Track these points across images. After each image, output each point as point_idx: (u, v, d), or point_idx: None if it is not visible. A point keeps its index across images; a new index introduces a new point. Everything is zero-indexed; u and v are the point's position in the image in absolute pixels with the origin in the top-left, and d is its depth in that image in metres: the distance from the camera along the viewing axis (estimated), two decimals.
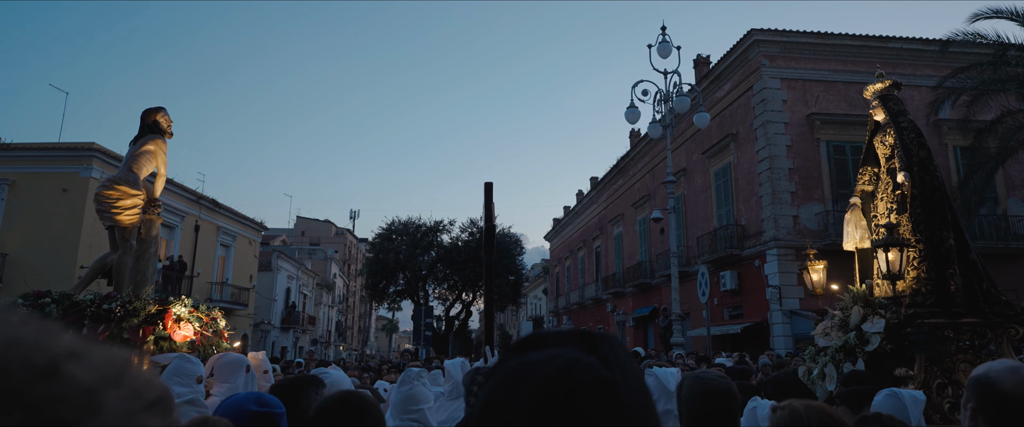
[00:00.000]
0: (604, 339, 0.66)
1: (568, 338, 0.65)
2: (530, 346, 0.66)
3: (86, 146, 20.84)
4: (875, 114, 6.00)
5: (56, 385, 0.41)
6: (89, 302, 5.56)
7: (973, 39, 16.16)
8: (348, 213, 79.42)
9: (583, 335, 0.66)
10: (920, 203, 5.38)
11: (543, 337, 0.66)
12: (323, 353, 47.22)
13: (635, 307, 29.17)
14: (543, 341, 0.66)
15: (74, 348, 0.44)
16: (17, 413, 0.38)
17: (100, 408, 0.41)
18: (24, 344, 0.42)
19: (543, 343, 0.65)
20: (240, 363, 3.62)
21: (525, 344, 0.66)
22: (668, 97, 13.87)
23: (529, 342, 0.67)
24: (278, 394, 2.40)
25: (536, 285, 58.41)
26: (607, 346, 0.65)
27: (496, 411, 0.61)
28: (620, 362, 0.63)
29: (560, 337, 0.66)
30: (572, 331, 0.67)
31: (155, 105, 6.50)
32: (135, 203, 6.05)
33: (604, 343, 0.65)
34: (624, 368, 0.63)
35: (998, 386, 1.63)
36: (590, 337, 0.66)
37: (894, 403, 3.03)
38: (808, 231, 18.12)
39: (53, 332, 0.45)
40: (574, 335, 0.66)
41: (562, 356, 0.62)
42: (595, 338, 0.66)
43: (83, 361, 0.43)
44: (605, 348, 0.64)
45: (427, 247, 35.78)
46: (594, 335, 0.67)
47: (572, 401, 0.58)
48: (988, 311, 5.09)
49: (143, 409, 0.44)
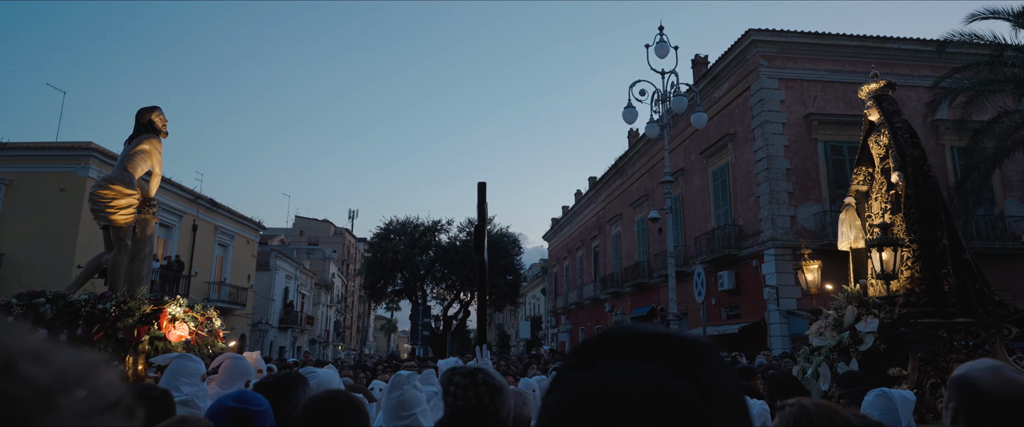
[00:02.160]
0: (694, 349, 0.55)
1: (651, 345, 0.54)
2: (605, 351, 0.55)
3: (83, 145, 20.83)
4: (870, 114, 6.02)
5: (10, 382, 0.41)
6: (84, 302, 5.55)
7: (970, 40, 16.19)
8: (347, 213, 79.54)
9: (669, 342, 0.55)
10: (914, 203, 5.39)
11: (620, 340, 0.56)
12: (322, 353, 47.20)
13: (633, 307, 29.18)
14: (620, 347, 0.55)
15: (36, 348, 0.45)
16: None
17: (54, 407, 0.42)
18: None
19: (620, 350, 0.55)
20: (244, 374, 3.60)
21: (598, 348, 0.56)
22: (666, 97, 13.87)
23: (603, 346, 0.56)
24: (264, 392, 2.40)
25: (535, 285, 58.42)
26: (698, 360, 0.54)
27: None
28: (715, 383, 0.53)
29: (642, 343, 0.55)
30: (654, 335, 0.56)
31: (151, 104, 6.50)
32: (130, 202, 6.05)
33: (694, 355, 0.54)
34: (721, 390, 0.52)
35: (978, 385, 1.64)
36: (678, 347, 0.55)
37: (884, 403, 3.03)
38: (805, 231, 18.14)
39: (17, 332, 0.46)
40: (659, 341, 0.55)
41: (646, 381, 0.50)
42: (684, 348, 0.55)
43: (43, 361, 0.44)
44: (695, 364, 0.53)
45: (425, 247, 35.79)
46: (682, 343, 0.55)
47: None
48: (981, 311, 5.11)
49: (100, 411, 0.45)
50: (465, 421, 2.10)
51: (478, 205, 4.90)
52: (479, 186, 4.92)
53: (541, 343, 44.51)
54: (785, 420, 1.86)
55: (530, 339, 47.94)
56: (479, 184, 4.92)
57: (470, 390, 2.09)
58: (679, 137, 24.15)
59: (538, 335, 49.12)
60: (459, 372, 2.18)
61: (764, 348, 15.99)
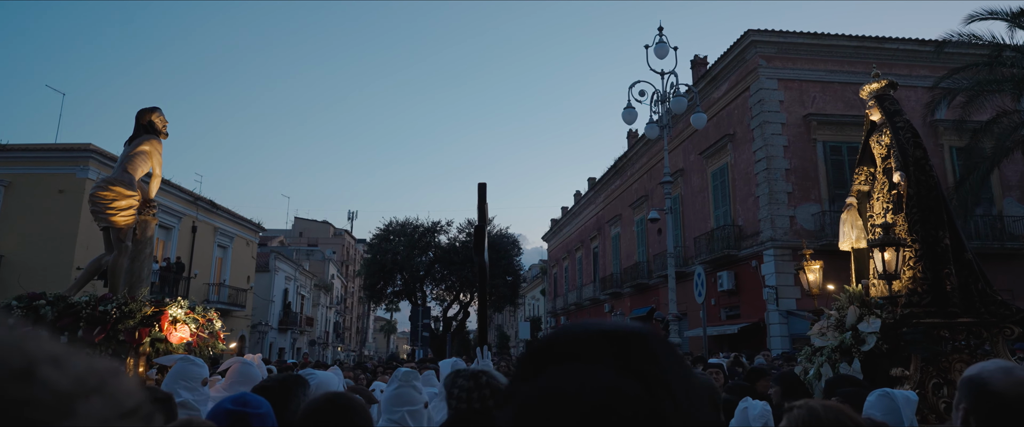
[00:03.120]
0: (638, 342, 0.54)
1: (596, 345, 0.54)
2: (551, 358, 0.54)
3: (83, 147, 20.80)
4: (871, 114, 6.01)
5: (30, 387, 0.42)
6: (84, 304, 5.54)
7: (969, 40, 16.21)
8: (346, 214, 79.30)
9: (613, 340, 0.54)
10: (916, 203, 5.39)
11: (565, 345, 0.55)
12: (321, 354, 47.15)
13: (633, 307, 29.17)
14: (565, 352, 0.54)
15: (56, 354, 0.45)
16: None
17: (73, 413, 0.43)
18: (3, 346, 0.43)
19: (566, 355, 0.54)
20: (252, 381, 3.59)
21: (543, 355, 0.55)
22: (665, 98, 13.88)
23: (549, 352, 0.55)
24: (264, 395, 2.39)
25: (534, 286, 58.41)
26: (644, 353, 0.53)
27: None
28: (663, 376, 0.52)
29: (585, 344, 0.54)
30: (599, 333, 0.55)
31: (151, 106, 6.48)
32: (130, 204, 6.03)
33: (640, 348, 0.53)
34: (669, 382, 0.52)
35: (990, 386, 1.63)
36: (622, 341, 0.54)
37: (887, 403, 3.02)
38: (805, 231, 18.15)
39: (38, 338, 0.46)
40: (602, 340, 0.54)
41: (593, 382, 0.50)
42: (628, 341, 0.54)
43: (63, 367, 0.45)
44: (641, 357, 0.52)
45: (425, 248, 35.74)
46: (626, 337, 0.55)
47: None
48: (984, 311, 5.10)
49: (119, 417, 0.45)
50: (469, 424, 2.09)
51: (478, 206, 4.88)
52: (479, 187, 4.91)
53: None
54: (793, 422, 1.85)
55: (529, 340, 47.83)
56: (479, 185, 4.91)
57: (474, 393, 2.09)
58: (678, 138, 24.16)
59: (537, 336, 48.95)
60: (463, 374, 2.17)
61: (763, 348, 15.98)
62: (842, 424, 1.78)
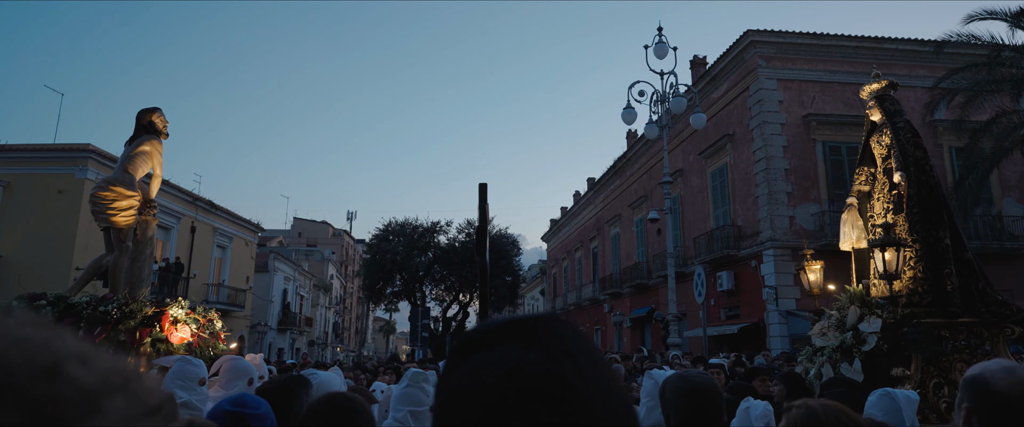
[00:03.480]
0: (542, 324, 0.62)
1: (506, 332, 0.61)
2: (470, 349, 0.61)
3: (82, 147, 20.79)
4: (871, 114, 6.01)
5: (57, 385, 0.43)
6: (85, 304, 5.54)
7: (968, 40, 16.23)
8: (345, 214, 79.36)
9: (519, 324, 0.62)
10: (916, 203, 5.39)
11: (480, 336, 0.62)
12: (320, 354, 47.13)
13: (632, 307, 29.18)
14: (481, 341, 0.61)
15: (82, 352, 0.46)
16: (18, 411, 0.40)
17: (99, 410, 0.43)
18: (30, 344, 0.44)
19: (482, 344, 0.61)
20: (244, 373, 3.59)
21: (465, 347, 0.62)
22: (665, 98, 13.88)
23: (468, 345, 0.62)
24: (266, 396, 2.39)
25: (534, 286, 58.41)
26: (548, 331, 0.61)
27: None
28: (564, 346, 0.59)
29: (497, 333, 0.61)
30: (508, 322, 0.63)
31: (151, 106, 6.48)
32: (131, 204, 6.03)
33: (543, 329, 0.61)
34: (570, 352, 0.59)
35: (993, 386, 1.63)
36: (528, 326, 0.62)
37: (888, 403, 3.02)
38: (804, 231, 18.16)
39: (63, 336, 0.47)
40: (510, 327, 0.62)
41: (502, 361, 0.57)
42: (533, 325, 0.62)
43: (88, 365, 0.45)
44: (546, 335, 0.60)
45: (424, 248, 35.73)
46: (531, 322, 0.62)
47: (523, 409, 0.54)
48: (984, 311, 5.10)
49: (143, 414, 0.46)
50: None
51: (479, 206, 4.85)
52: (480, 187, 4.87)
53: None
54: (792, 422, 1.85)
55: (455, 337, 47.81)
56: (480, 185, 4.87)
57: None
58: (678, 138, 24.17)
59: None
60: None
61: (763, 348, 15.98)
62: (841, 423, 1.78)
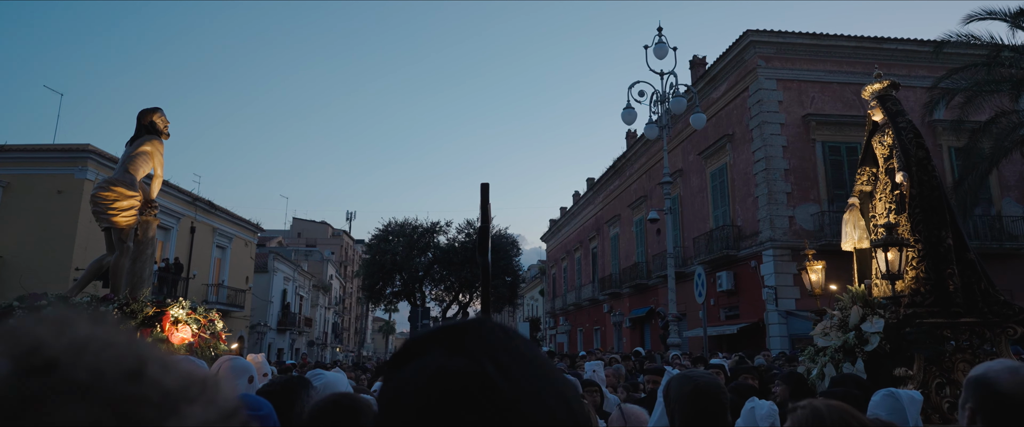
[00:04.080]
0: (469, 329, 0.63)
1: (434, 339, 0.63)
2: (403, 359, 0.63)
3: (81, 147, 20.78)
4: (873, 114, 6.02)
5: (141, 386, 0.46)
6: (86, 304, 5.53)
7: (967, 40, 16.24)
8: (345, 214, 79.36)
9: (448, 331, 0.64)
10: (919, 203, 5.40)
11: (412, 344, 0.65)
12: (320, 355, 47.12)
13: (632, 308, 29.18)
14: (412, 350, 0.64)
15: (163, 357, 0.50)
16: (105, 409, 0.43)
17: (178, 412, 0.46)
18: (119, 346, 0.47)
19: (413, 352, 0.63)
20: (243, 371, 3.59)
21: (399, 358, 0.64)
22: (664, 98, 13.88)
23: (401, 355, 0.65)
24: (268, 397, 2.38)
25: (533, 286, 58.41)
26: (473, 336, 0.62)
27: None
28: (490, 349, 0.60)
29: (427, 340, 0.63)
30: (437, 329, 0.65)
31: (151, 106, 6.48)
32: (132, 204, 6.03)
33: (470, 334, 0.62)
34: (495, 354, 0.60)
35: (997, 386, 1.63)
36: (455, 331, 0.63)
37: (891, 403, 3.03)
38: (804, 231, 18.17)
39: (144, 342, 0.51)
40: (440, 334, 0.64)
41: (426, 368, 0.59)
42: (460, 330, 0.63)
43: (169, 369, 0.49)
44: (471, 339, 0.61)
45: (424, 248, 35.74)
46: (458, 327, 0.64)
47: (447, 413, 0.56)
48: (986, 311, 5.11)
49: (220, 418, 0.49)
50: None
51: (481, 207, 4.84)
52: (482, 188, 4.86)
53: (540, 344, 44.45)
54: (797, 422, 1.85)
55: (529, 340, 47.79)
56: (482, 185, 4.86)
57: None
58: (677, 138, 24.18)
59: (537, 336, 49.11)
60: None
61: (763, 348, 15.99)
62: (846, 424, 1.78)
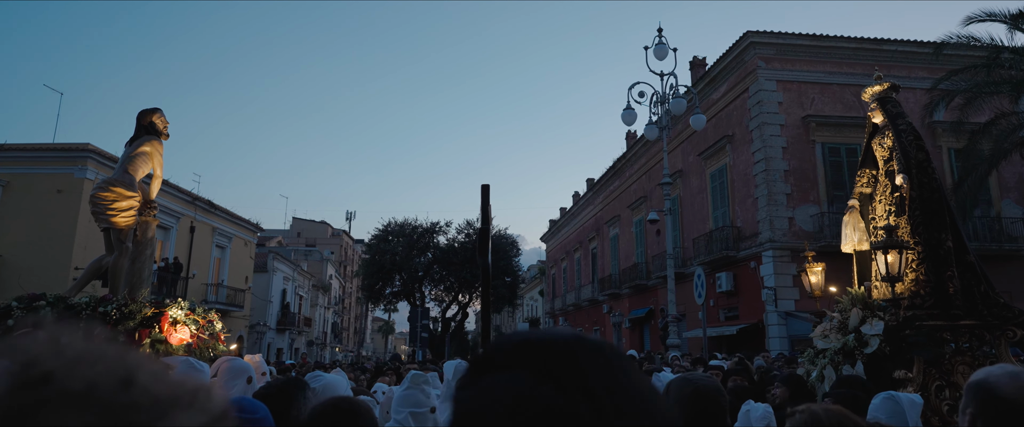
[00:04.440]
0: (565, 354, 0.57)
1: (522, 356, 0.58)
2: (487, 367, 0.59)
3: (81, 147, 20.77)
4: (873, 116, 6.01)
5: (132, 394, 0.48)
6: (85, 305, 5.52)
7: (967, 42, 16.25)
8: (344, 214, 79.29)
9: (538, 347, 0.58)
10: (919, 205, 5.39)
11: (494, 354, 0.60)
12: (319, 355, 47.11)
13: (631, 308, 29.18)
14: (494, 360, 0.59)
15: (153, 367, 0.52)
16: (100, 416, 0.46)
17: (167, 416, 0.49)
18: (110, 359, 0.50)
19: (495, 363, 0.59)
20: (242, 372, 3.59)
21: (483, 364, 0.60)
22: (664, 99, 13.88)
23: (486, 361, 0.60)
24: (264, 400, 2.38)
25: (533, 286, 58.41)
26: (566, 364, 0.56)
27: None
28: (584, 380, 0.55)
29: (513, 353, 0.58)
30: (527, 341, 0.59)
31: (151, 105, 6.47)
32: (131, 205, 6.02)
33: (564, 361, 0.56)
34: (589, 388, 0.54)
35: (998, 391, 1.63)
36: (546, 350, 0.57)
37: (891, 406, 3.02)
38: (804, 233, 18.16)
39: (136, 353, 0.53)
40: (528, 349, 0.58)
41: (511, 392, 0.55)
42: (551, 350, 0.57)
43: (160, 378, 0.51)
44: (563, 368, 0.55)
45: (423, 249, 35.75)
46: (550, 345, 0.58)
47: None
48: (986, 313, 5.10)
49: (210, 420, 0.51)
50: None
51: (482, 208, 4.84)
52: (483, 189, 4.86)
53: None
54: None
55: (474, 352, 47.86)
56: (483, 187, 4.87)
57: None
58: (677, 139, 24.18)
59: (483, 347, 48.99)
60: None
61: (762, 350, 15.98)
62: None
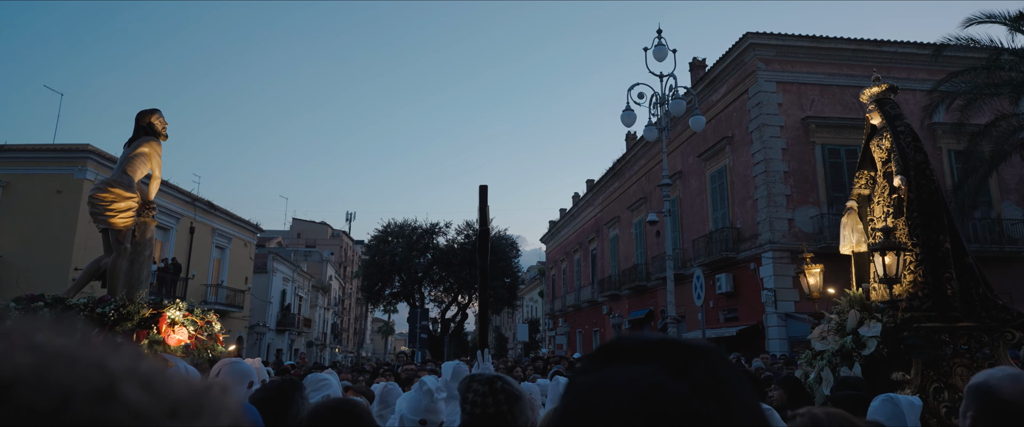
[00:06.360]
0: (700, 356, 0.57)
1: (657, 351, 0.57)
2: (614, 356, 0.58)
3: (81, 147, 20.77)
4: (872, 118, 6.02)
5: (108, 409, 0.38)
6: (83, 305, 5.52)
7: (967, 43, 16.25)
8: (344, 215, 79.36)
9: (675, 348, 0.58)
10: (917, 207, 5.39)
11: (628, 347, 0.59)
12: (319, 356, 47.09)
13: (631, 309, 29.17)
14: (628, 352, 0.58)
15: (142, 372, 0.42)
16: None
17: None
18: (86, 363, 0.40)
19: (628, 355, 0.58)
20: (245, 376, 3.57)
21: (608, 353, 0.59)
22: (664, 100, 13.86)
23: (613, 351, 0.59)
24: (262, 403, 2.37)
25: (532, 287, 58.38)
26: (703, 366, 0.56)
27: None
28: (717, 388, 0.54)
29: (648, 349, 0.58)
30: (663, 341, 0.59)
31: (150, 106, 6.48)
32: (129, 206, 6.01)
33: (700, 362, 0.56)
34: (722, 395, 0.54)
35: (998, 394, 1.62)
36: (683, 353, 0.57)
37: (890, 409, 3.02)
38: (803, 234, 18.15)
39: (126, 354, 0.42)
40: (665, 347, 0.58)
41: (645, 380, 0.53)
42: (689, 354, 0.57)
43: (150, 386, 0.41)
44: (699, 369, 0.55)
45: (423, 249, 35.72)
46: (688, 349, 0.58)
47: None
48: (984, 315, 5.10)
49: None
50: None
51: (480, 209, 4.84)
52: (481, 190, 4.86)
53: (539, 346, 44.49)
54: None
55: (528, 341, 47.93)
56: (481, 187, 4.86)
57: (488, 398, 2.09)
58: (677, 140, 24.18)
59: (536, 337, 49.10)
60: (478, 379, 2.17)
61: (762, 351, 15.97)
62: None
